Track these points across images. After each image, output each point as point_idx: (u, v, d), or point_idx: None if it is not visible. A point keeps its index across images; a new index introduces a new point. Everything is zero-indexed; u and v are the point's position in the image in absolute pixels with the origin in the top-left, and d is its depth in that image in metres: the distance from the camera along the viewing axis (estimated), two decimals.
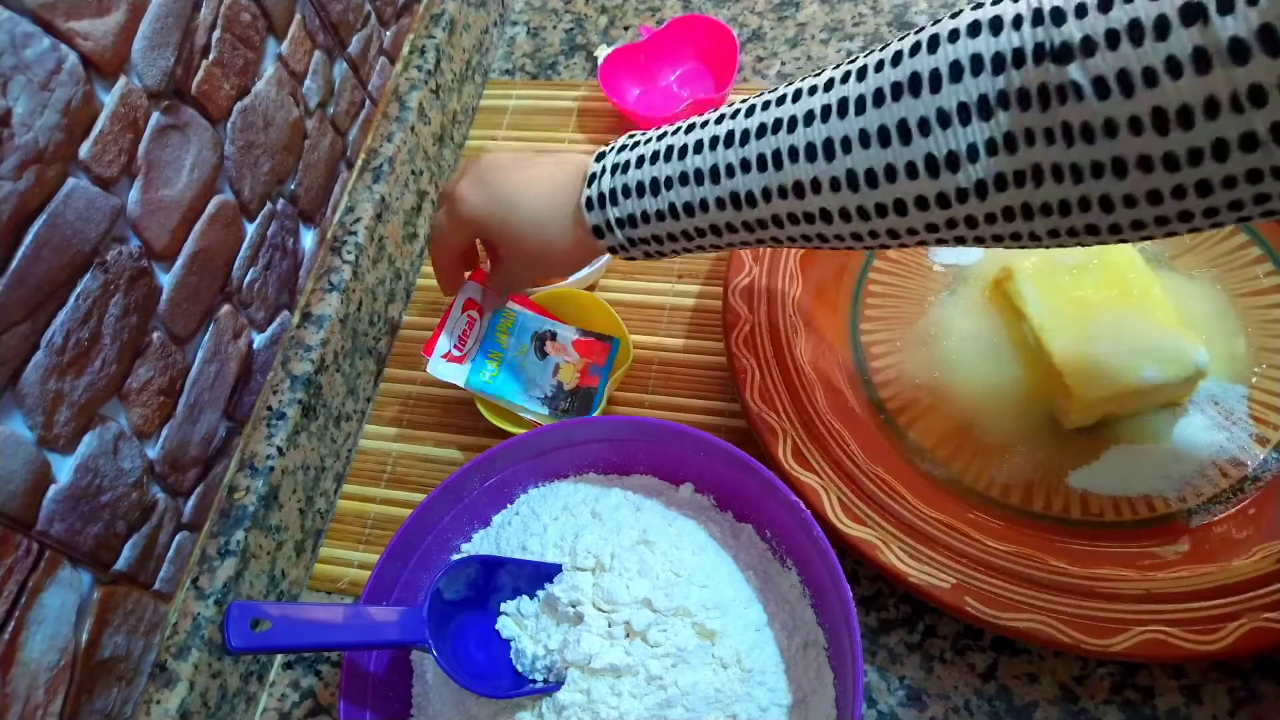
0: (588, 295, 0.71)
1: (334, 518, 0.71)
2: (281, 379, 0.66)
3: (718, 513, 0.60)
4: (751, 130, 0.48)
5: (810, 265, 0.69)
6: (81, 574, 0.51)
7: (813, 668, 0.53)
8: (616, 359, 0.69)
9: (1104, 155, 0.39)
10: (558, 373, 0.68)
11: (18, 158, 0.45)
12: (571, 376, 0.68)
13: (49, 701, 0.49)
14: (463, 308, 0.66)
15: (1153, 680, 0.57)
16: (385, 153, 0.75)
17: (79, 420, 0.50)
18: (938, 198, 0.43)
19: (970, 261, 0.72)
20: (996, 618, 0.54)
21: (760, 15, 0.89)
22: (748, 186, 0.48)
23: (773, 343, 0.65)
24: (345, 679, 0.54)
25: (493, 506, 0.61)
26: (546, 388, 0.68)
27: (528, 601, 0.55)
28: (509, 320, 0.68)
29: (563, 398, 0.68)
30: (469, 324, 0.67)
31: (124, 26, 0.51)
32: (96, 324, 0.51)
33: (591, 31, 0.92)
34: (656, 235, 0.52)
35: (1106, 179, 0.39)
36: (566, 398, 0.68)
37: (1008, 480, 0.63)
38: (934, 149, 0.42)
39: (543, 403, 0.67)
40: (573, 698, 0.51)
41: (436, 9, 0.83)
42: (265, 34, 0.64)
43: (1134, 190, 0.39)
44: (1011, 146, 0.41)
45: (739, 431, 0.68)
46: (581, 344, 0.69)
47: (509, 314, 0.68)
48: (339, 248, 0.71)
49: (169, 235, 0.56)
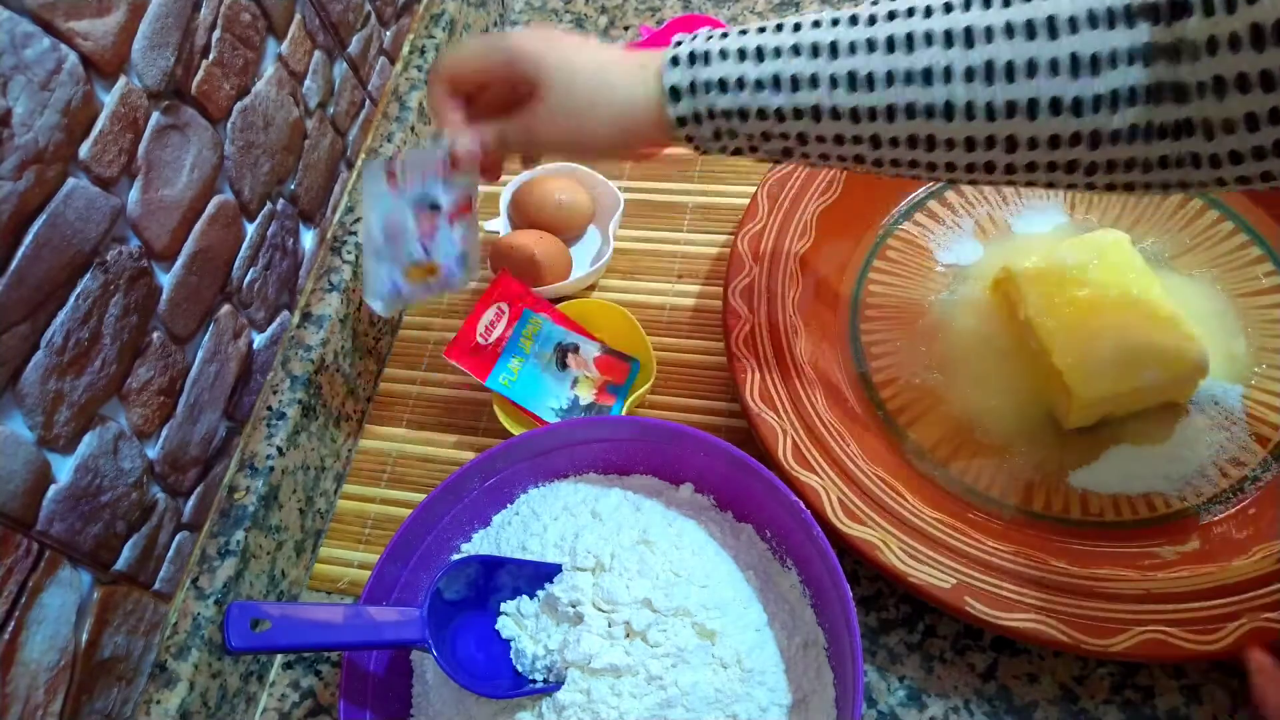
0: (618, 310, 0.71)
1: (334, 518, 0.71)
2: (281, 379, 0.66)
3: (718, 513, 0.60)
4: (879, 15, 0.46)
5: (810, 265, 0.69)
6: (81, 574, 0.51)
7: (813, 668, 0.53)
8: (636, 380, 0.69)
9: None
10: (575, 386, 0.69)
11: (18, 158, 0.45)
12: (589, 392, 0.69)
13: (49, 701, 0.49)
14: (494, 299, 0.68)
15: (1153, 680, 0.57)
16: (385, 152, 0.75)
17: (79, 420, 0.50)
18: (1073, 103, 0.43)
19: (970, 261, 0.72)
20: (996, 618, 0.54)
21: (760, 15, 0.89)
22: (870, 67, 0.45)
23: (773, 343, 0.65)
24: (345, 679, 0.54)
25: (493, 506, 0.61)
26: (563, 399, 0.68)
27: (528, 601, 0.55)
28: (535, 327, 0.69)
29: (577, 411, 0.68)
30: (497, 316, 0.67)
31: (124, 26, 0.51)
32: (96, 324, 0.51)
33: (591, 31, 0.92)
34: (744, 109, 0.48)
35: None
36: (581, 413, 0.68)
37: (1008, 480, 0.63)
38: (1079, 49, 0.42)
39: (556, 414, 0.68)
40: (573, 698, 0.51)
41: (436, 9, 0.83)
42: (265, 34, 0.64)
43: None
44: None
45: (739, 431, 0.68)
46: (603, 361, 0.69)
47: (536, 321, 0.69)
48: (339, 248, 0.71)
49: (169, 235, 0.56)
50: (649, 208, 0.80)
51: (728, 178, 0.81)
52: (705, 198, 0.80)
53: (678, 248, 0.78)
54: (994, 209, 0.74)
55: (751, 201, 0.71)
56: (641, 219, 0.80)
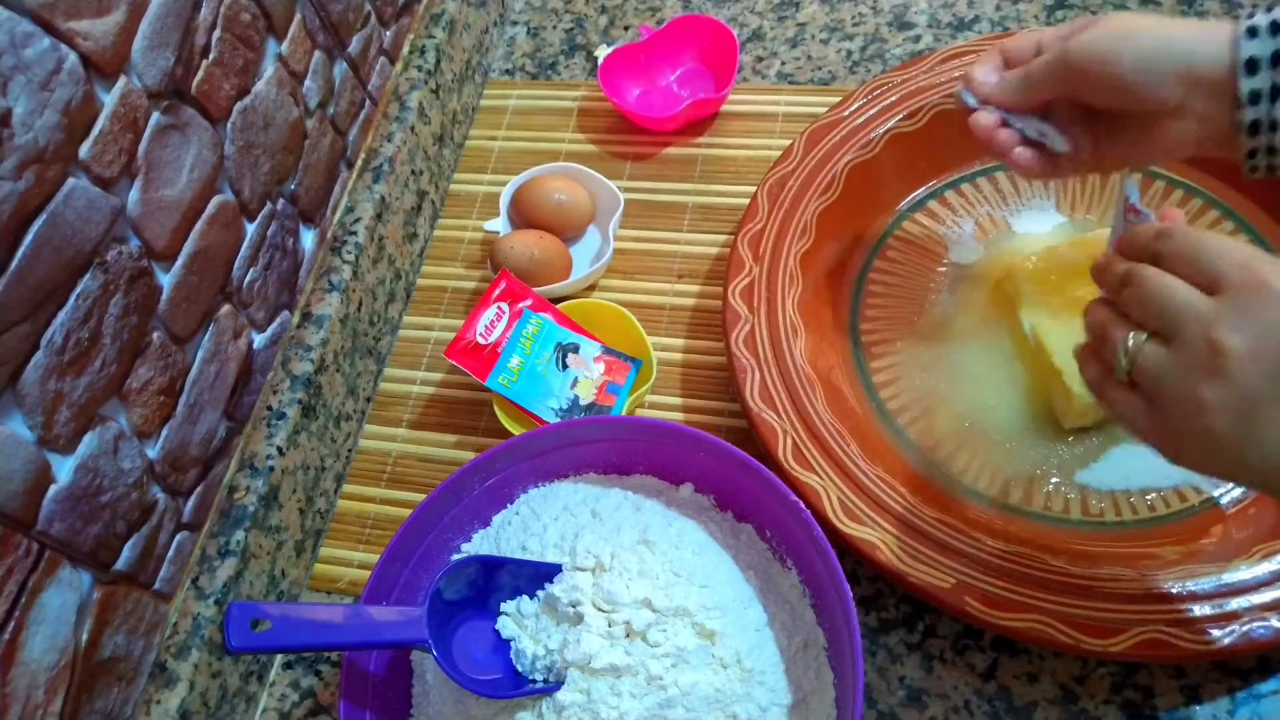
0: (618, 310, 0.71)
1: (334, 518, 0.71)
2: (281, 379, 0.66)
3: (718, 513, 0.60)
4: None
5: (810, 265, 0.69)
6: (81, 574, 0.51)
7: (813, 668, 0.53)
8: (636, 380, 0.69)
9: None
10: (576, 385, 0.69)
11: (18, 158, 0.45)
12: (589, 391, 0.69)
13: (49, 701, 0.49)
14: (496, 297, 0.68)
15: (1153, 680, 0.57)
16: (385, 153, 0.75)
17: (79, 420, 0.50)
18: None
19: (970, 261, 0.72)
20: (996, 618, 0.54)
21: (760, 15, 0.89)
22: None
23: (773, 343, 0.65)
24: (345, 679, 0.54)
25: (493, 506, 0.61)
26: (563, 399, 0.68)
27: (528, 601, 0.55)
28: (535, 327, 0.69)
29: (577, 411, 0.68)
30: (497, 315, 0.67)
31: (124, 26, 0.51)
32: (96, 324, 0.51)
33: (591, 31, 0.92)
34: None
35: None
36: (581, 412, 0.68)
37: (1008, 480, 0.63)
38: None
39: (556, 414, 0.68)
40: (573, 698, 0.51)
41: (436, 9, 0.83)
42: (265, 34, 0.64)
43: None
44: None
45: (739, 431, 0.68)
46: (604, 361, 0.69)
47: (536, 321, 0.69)
48: (339, 248, 0.71)
49: (169, 235, 0.56)
50: (649, 208, 0.80)
51: (727, 178, 0.81)
52: (705, 198, 0.80)
53: (678, 248, 0.78)
54: (994, 209, 0.74)
55: (751, 201, 0.71)
56: (641, 219, 0.80)
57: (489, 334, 0.68)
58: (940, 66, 0.74)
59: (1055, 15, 0.82)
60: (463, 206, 0.84)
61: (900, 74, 0.74)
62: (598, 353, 0.69)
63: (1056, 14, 0.82)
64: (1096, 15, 0.50)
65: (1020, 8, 0.83)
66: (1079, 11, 0.83)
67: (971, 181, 0.75)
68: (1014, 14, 0.83)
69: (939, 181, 0.75)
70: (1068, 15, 0.82)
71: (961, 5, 0.85)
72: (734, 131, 0.83)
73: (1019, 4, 0.84)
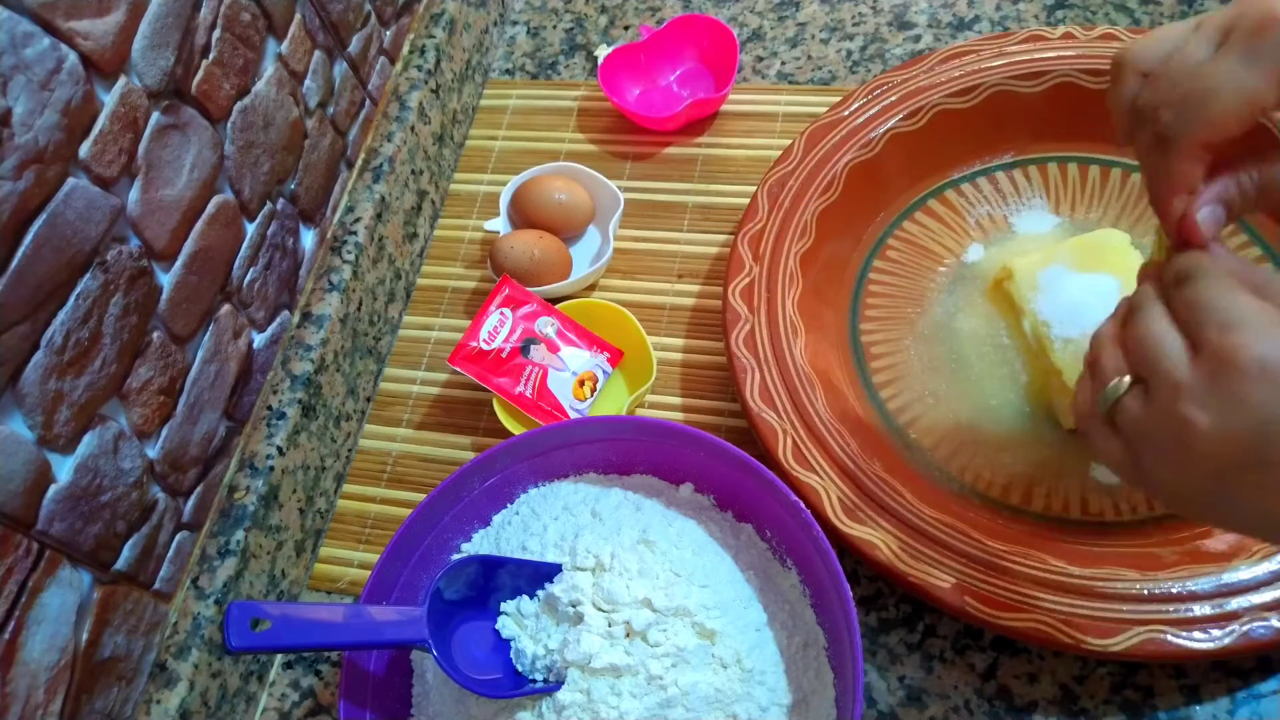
0: (618, 310, 0.71)
1: (334, 517, 0.71)
2: (281, 379, 0.66)
3: (718, 513, 0.60)
4: None
5: (810, 265, 0.69)
6: (81, 574, 0.51)
7: (813, 668, 0.53)
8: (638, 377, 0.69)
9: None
10: None
11: (18, 157, 0.45)
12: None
13: (49, 701, 0.49)
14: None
15: (1153, 680, 0.57)
16: (385, 152, 0.75)
17: (79, 420, 0.50)
18: None
19: (970, 261, 0.72)
20: (996, 618, 0.54)
21: (760, 15, 0.89)
22: None
23: (773, 343, 0.65)
24: (345, 679, 0.54)
25: (493, 506, 0.61)
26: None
27: (528, 601, 0.55)
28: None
29: None
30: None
31: (124, 26, 0.51)
32: (96, 324, 0.51)
33: (591, 31, 0.92)
34: None
35: None
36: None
37: (1008, 480, 0.63)
38: None
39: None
40: (573, 698, 0.51)
41: (436, 9, 0.83)
42: (265, 34, 0.64)
43: None
44: None
45: (739, 431, 0.68)
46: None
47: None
48: (339, 247, 0.71)
49: (169, 235, 0.56)
50: (649, 208, 0.80)
51: (728, 178, 0.81)
52: (705, 198, 0.80)
53: (678, 248, 0.78)
54: (994, 208, 0.74)
55: (751, 201, 0.71)
56: (641, 219, 0.80)
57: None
58: (940, 66, 0.74)
59: (1055, 15, 0.82)
60: (463, 206, 0.84)
61: (900, 74, 0.74)
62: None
63: (1056, 14, 0.82)
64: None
65: (1020, 8, 0.83)
66: (1079, 12, 0.83)
67: (971, 181, 0.75)
68: (1014, 14, 0.83)
69: (939, 181, 0.75)
70: (1067, 15, 0.82)
71: (961, 5, 0.85)
72: (734, 131, 0.83)
73: (1019, 4, 0.84)
